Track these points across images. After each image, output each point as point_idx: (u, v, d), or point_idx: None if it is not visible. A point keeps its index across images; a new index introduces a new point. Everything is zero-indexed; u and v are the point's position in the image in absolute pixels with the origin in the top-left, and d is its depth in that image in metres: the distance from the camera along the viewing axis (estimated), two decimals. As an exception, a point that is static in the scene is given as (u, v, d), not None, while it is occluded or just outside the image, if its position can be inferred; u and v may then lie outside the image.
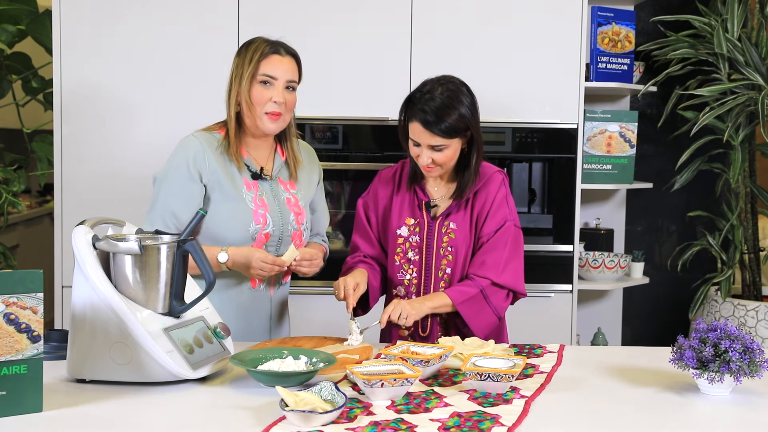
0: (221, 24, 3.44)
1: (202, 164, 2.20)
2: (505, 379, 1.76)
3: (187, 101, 3.42)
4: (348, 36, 3.46)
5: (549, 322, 3.53)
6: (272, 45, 2.23)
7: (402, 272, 2.32)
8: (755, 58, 3.54)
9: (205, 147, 2.22)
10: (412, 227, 2.31)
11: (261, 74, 2.20)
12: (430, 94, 2.19)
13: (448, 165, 2.24)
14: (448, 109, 2.16)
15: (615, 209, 4.21)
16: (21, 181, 3.84)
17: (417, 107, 2.19)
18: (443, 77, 2.24)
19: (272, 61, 2.21)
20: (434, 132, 2.16)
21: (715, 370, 1.76)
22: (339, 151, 3.47)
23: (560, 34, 3.50)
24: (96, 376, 1.80)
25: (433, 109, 2.16)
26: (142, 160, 3.43)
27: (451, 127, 2.16)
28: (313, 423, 1.54)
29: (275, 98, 2.20)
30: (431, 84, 2.22)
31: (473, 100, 2.23)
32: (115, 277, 1.83)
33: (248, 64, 2.20)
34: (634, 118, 3.81)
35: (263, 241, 2.25)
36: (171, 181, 2.21)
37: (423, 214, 2.30)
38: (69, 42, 3.41)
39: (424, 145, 2.19)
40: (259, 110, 2.21)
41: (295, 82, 2.26)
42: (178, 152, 2.23)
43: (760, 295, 3.76)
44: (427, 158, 2.20)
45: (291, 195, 2.33)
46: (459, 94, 2.20)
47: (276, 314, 2.38)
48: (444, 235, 2.28)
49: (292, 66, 2.25)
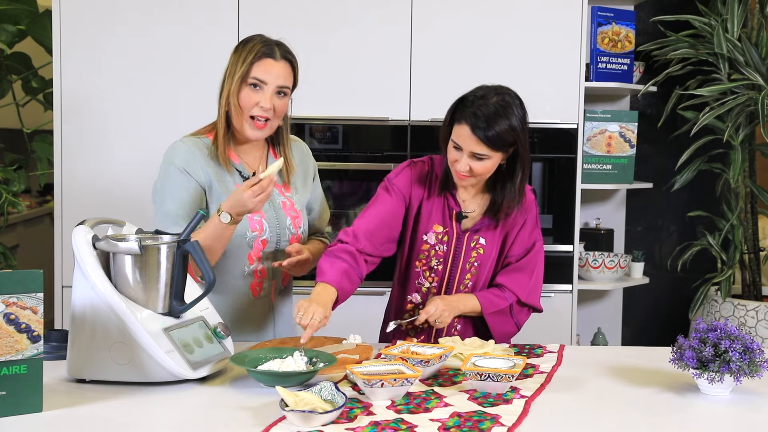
0: (221, 24, 3.43)
1: (193, 167, 2.14)
2: (505, 379, 1.76)
3: (187, 101, 3.42)
4: (348, 36, 3.46)
5: (549, 322, 3.52)
6: (268, 47, 2.14)
7: (422, 279, 2.26)
8: (755, 58, 3.54)
9: (194, 151, 2.16)
10: (440, 236, 2.23)
11: (251, 77, 2.12)
12: (484, 99, 2.09)
13: (484, 177, 2.15)
14: (500, 118, 2.07)
15: (615, 209, 4.21)
16: (21, 181, 3.84)
17: (469, 110, 2.08)
18: (500, 86, 2.15)
19: (264, 64, 2.13)
20: (480, 138, 2.06)
21: (715, 370, 1.76)
22: (339, 151, 3.47)
23: (560, 34, 3.50)
24: (96, 376, 1.80)
25: (485, 115, 2.06)
26: (142, 160, 3.42)
27: (498, 137, 2.07)
28: (313, 423, 1.54)
29: (262, 103, 2.12)
30: (486, 90, 2.13)
31: (525, 117, 2.14)
32: (115, 277, 1.83)
33: (241, 64, 2.13)
34: (634, 118, 3.82)
35: (260, 248, 2.20)
36: (167, 187, 2.14)
37: (453, 224, 2.23)
38: (69, 42, 3.41)
39: (466, 151, 2.09)
40: (245, 114, 2.13)
41: (287, 88, 2.16)
42: (167, 159, 2.17)
43: (760, 295, 3.76)
44: (466, 165, 2.10)
45: (286, 198, 2.26)
46: (513, 107, 2.10)
47: (280, 323, 2.32)
48: (472, 250, 2.24)
49: (286, 71, 2.15)
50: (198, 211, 1.92)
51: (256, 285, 2.23)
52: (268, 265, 2.23)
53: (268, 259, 2.23)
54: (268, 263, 2.23)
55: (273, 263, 2.21)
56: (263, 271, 2.23)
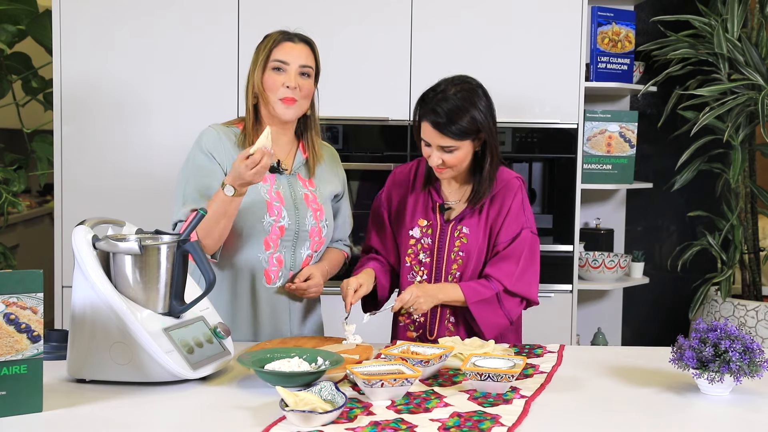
0: (221, 24, 3.43)
1: (217, 151, 2.21)
2: (505, 379, 1.76)
3: (187, 101, 3.42)
4: (348, 36, 3.46)
5: (549, 322, 3.52)
6: (285, 33, 2.25)
7: (412, 273, 2.29)
8: (755, 58, 3.54)
9: (221, 137, 2.23)
10: (425, 229, 2.28)
11: (273, 60, 2.20)
12: (443, 93, 2.14)
13: (460, 167, 2.20)
14: (460, 110, 2.12)
15: (615, 209, 4.21)
16: (21, 181, 3.84)
17: (429, 106, 2.14)
18: (458, 77, 2.19)
19: (284, 47, 2.21)
20: (444, 133, 2.12)
21: (715, 370, 1.76)
22: (339, 151, 3.44)
23: (560, 34, 3.50)
24: (96, 376, 1.80)
25: (444, 110, 2.11)
26: (143, 160, 3.43)
27: (461, 129, 2.12)
28: (313, 423, 1.54)
29: (288, 83, 2.18)
30: (445, 84, 2.17)
31: (489, 103, 2.18)
32: (115, 277, 1.83)
33: (261, 51, 2.22)
34: (634, 118, 3.82)
35: (279, 235, 2.23)
36: (191, 169, 2.21)
37: (436, 216, 2.28)
38: (69, 42, 3.41)
39: (435, 146, 2.15)
40: (272, 97, 2.20)
41: (310, 68, 2.23)
42: (195, 143, 2.25)
43: (760, 295, 3.76)
44: (438, 159, 2.16)
45: (309, 191, 2.30)
46: (473, 96, 2.14)
47: (295, 315, 2.32)
48: (456, 239, 2.25)
49: (306, 51, 2.23)
50: (198, 211, 1.92)
51: (271, 272, 2.25)
52: (287, 255, 2.26)
53: (288, 249, 2.26)
54: (288, 253, 2.26)
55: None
56: (280, 260, 2.26)
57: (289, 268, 2.27)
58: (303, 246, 2.28)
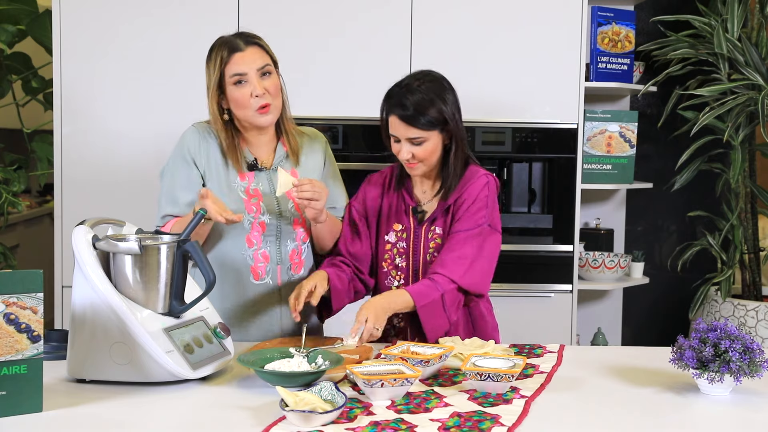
0: (221, 24, 3.42)
1: (197, 151, 2.24)
2: (505, 379, 1.76)
3: (186, 101, 3.41)
4: (348, 36, 3.46)
5: (549, 322, 3.52)
6: (229, 45, 2.20)
7: (390, 278, 2.30)
8: (755, 58, 3.54)
9: (203, 135, 2.26)
10: (400, 233, 2.29)
11: (230, 77, 2.19)
12: (407, 87, 2.18)
13: (430, 160, 2.20)
14: (427, 101, 2.14)
15: (615, 209, 4.21)
16: (21, 181, 3.84)
17: (394, 100, 2.18)
18: (422, 71, 2.23)
19: (234, 59, 2.19)
20: (412, 124, 2.14)
21: (715, 370, 1.76)
22: (339, 151, 3.46)
23: (560, 34, 3.49)
24: (96, 376, 1.80)
25: (411, 102, 2.14)
26: (142, 160, 3.43)
27: (429, 120, 2.14)
28: (313, 423, 1.54)
29: (254, 92, 2.18)
30: (409, 78, 2.21)
31: (454, 96, 2.21)
32: (115, 277, 1.83)
33: (213, 72, 2.21)
34: (634, 118, 3.82)
35: (261, 231, 2.25)
36: (171, 169, 2.26)
37: (410, 219, 2.29)
38: (69, 42, 3.41)
39: (403, 139, 2.18)
40: (247, 112, 2.20)
41: (268, 65, 2.21)
42: (178, 143, 2.29)
43: (760, 295, 3.76)
44: (407, 153, 2.18)
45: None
46: (437, 88, 2.18)
47: (286, 309, 2.26)
48: (430, 241, 2.25)
49: (258, 53, 2.20)
50: (198, 211, 1.93)
51: (258, 269, 2.26)
52: (272, 250, 2.27)
53: (272, 244, 2.27)
54: (273, 248, 2.27)
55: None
56: (265, 255, 2.26)
57: (276, 263, 2.28)
58: (288, 239, 2.28)
